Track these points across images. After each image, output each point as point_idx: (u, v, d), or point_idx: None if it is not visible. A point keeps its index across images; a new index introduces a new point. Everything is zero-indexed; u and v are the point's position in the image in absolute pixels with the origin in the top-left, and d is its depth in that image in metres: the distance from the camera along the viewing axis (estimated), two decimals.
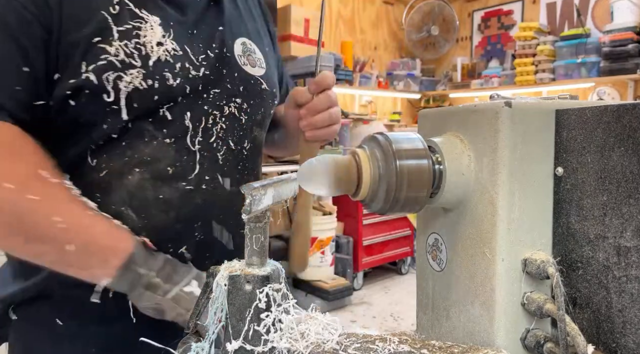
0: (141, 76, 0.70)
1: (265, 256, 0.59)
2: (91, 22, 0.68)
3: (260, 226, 0.60)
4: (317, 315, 0.58)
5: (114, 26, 0.69)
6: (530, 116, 0.50)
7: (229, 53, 0.83)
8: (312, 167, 0.52)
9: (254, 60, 0.88)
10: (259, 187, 0.58)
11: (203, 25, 0.82)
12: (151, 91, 0.71)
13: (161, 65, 0.72)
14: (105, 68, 0.68)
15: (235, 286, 0.57)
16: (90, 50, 0.68)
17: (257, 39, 0.93)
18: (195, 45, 0.78)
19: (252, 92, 0.86)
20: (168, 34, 0.75)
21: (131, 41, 0.70)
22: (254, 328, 0.56)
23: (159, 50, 0.72)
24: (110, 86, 0.68)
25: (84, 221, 0.66)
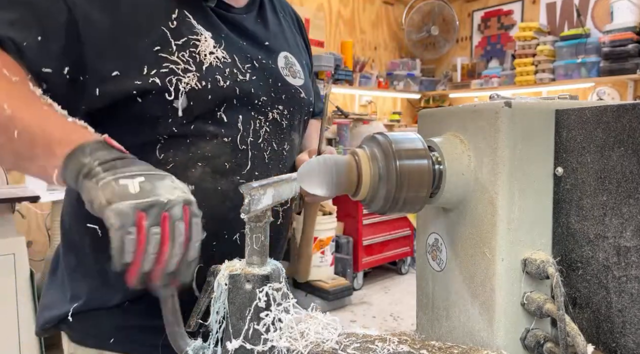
0: (196, 78, 0.80)
1: (265, 255, 0.60)
2: (151, 34, 0.78)
3: (260, 225, 0.60)
4: (317, 315, 0.59)
5: (172, 39, 0.79)
6: (530, 116, 0.50)
7: (274, 65, 0.95)
8: (312, 168, 0.52)
9: (295, 71, 0.99)
10: (258, 187, 0.58)
11: (251, 40, 0.93)
12: (205, 90, 0.81)
13: (212, 70, 0.82)
14: (167, 74, 0.78)
15: (236, 285, 0.58)
16: (152, 58, 0.77)
17: (297, 52, 1.05)
18: (242, 56, 0.89)
19: (292, 100, 0.96)
20: (219, 45, 0.85)
21: (187, 51, 0.80)
22: (254, 327, 0.56)
23: (211, 58, 0.83)
24: (172, 87, 0.77)
25: (37, 113, 0.64)
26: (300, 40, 1.12)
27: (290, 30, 1.08)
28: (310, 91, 1.04)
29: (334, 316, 0.58)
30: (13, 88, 0.66)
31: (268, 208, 0.62)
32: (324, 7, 4.53)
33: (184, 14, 0.83)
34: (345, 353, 0.52)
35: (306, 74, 1.05)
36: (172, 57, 0.78)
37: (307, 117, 1.04)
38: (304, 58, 1.09)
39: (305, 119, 1.04)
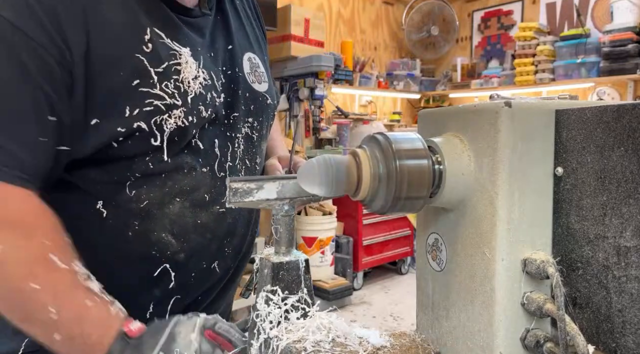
0: (183, 114, 0.71)
1: (287, 245, 0.65)
2: (126, 65, 0.67)
3: (278, 218, 0.65)
4: (320, 314, 0.59)
5: (151, 68, 0.68)
6: (530, 116, 0.50)
7: (240, 72, 0.85)
8: (312, 167, 0.52)
9: (260, 75, 0.90)
10: (238, 181, 0.63)
11: (216, 44, 0.82)
12: (191, 126, 0.73)
13: (197, 100, 0.74)
14: (153, 113, 0.68)
15: (261, 266, 0.65)
16: (132, 94, 0.67)
17: (258, 49, 0.94)
18: (217, 70, 0.80)
19: (259, 109, 0.88)
20: (199, 63, 0.75)
21: (171, 81, 0.70)
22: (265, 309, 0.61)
23: (195, 85, 0.73)
24: (157, 129, 0.69)
25: (77, 312, 0.64)
26: (259, 30, 0.99)
27: (249, 22, 0.95)
28: (274, 93, 0.95)
29: (338, 317, 0.59)
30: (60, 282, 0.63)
31: (272, 202, 0.63)
32: (324, 7, 4.53)
33: (156, 32, 0.70)
34: None
35: (268, 74, 0.95)
36: (154, 90, 0.68)
37: (272, 121, 0.97)
38: (265, 52, 0.98)
39: (271, 124, 0.96)
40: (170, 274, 0.78)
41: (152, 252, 0.76)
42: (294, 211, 0.66)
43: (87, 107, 0.66)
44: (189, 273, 0.80)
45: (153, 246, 0.76)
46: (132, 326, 0.64)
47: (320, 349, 0.53)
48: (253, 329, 0.61)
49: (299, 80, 3.80)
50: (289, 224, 0.65)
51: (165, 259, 0.77)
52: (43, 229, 0.64)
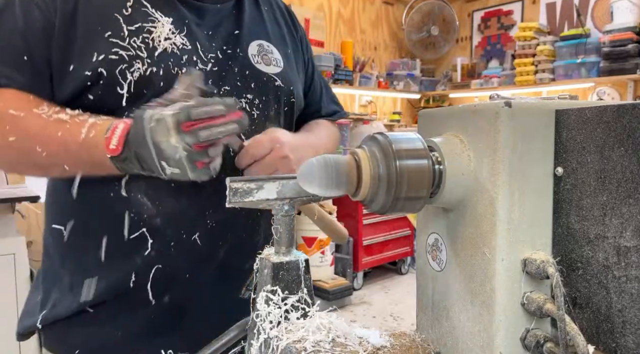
0: (146, 65, 0.77)
1: (286, 245, 0.65)
2: (104, 22, 0.77)
3: (278, 218, 0.65)
4: (320, 314, 0.59)
5: (125, 25, 0.77)
6: (530, 116, 0.50)
7: (242, 52, 0.89)
8: (312, 167, 0.52)
9: (269, 59, 0.93)
10: (238, 181, 0.63)
11: (220, 28, 0.89)
12: (155, 76, 0.78)
13: (166, 56, 0.79)
14: (115, 62, 0.75)
15: (261, 266, 0.65)
16: (103, 43, 0.76)
17: (279, 42, 0.99)
18: (207, 44, 0.85)
19: (264, 88, 0.90)
20: (180, 31, 0.81)
21: (139, 37, 0.78)
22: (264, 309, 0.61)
23: (166, 43, 0.79)
24: (120, 77, 0.75)
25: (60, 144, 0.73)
26: (292, 35, 1.06)
27: (273, 21, 1.02)
28: (290, 79, 0.97)
29: (338, 317, 0.59)
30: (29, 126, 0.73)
31: (272, 202, 0.63)
32: (324, 7, 4.53)
33: (141, 2, 0.80)
34: None
35: (290, 64, 0.99)
36: (122, 42, 0.76)
37: (288, 108, 0.96)
38: (292, 49, 1.03)
39: (287, 109, 0.96)
40: (148, 240, 0.80)
41: (130, 215, 0.79)
42: (294, 211, 0.66)
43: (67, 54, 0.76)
44: (167, 241, 0.81)
45: (131, 208, 0.79)
46: (112, 143, 0.69)
47: (320, 349, 0.53)
48: (253, 329, 0.61)
49: None
50: (289, 224, 0.65)
51: (143, 223, 0.79)
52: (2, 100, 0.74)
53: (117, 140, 0.68)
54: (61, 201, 0.85)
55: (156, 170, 0.68)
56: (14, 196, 2.21)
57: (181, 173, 0.68)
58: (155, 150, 0.66)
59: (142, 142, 0.67)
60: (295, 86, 0.98)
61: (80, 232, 0.82)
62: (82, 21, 0.77)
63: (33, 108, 0.74)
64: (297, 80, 1.00)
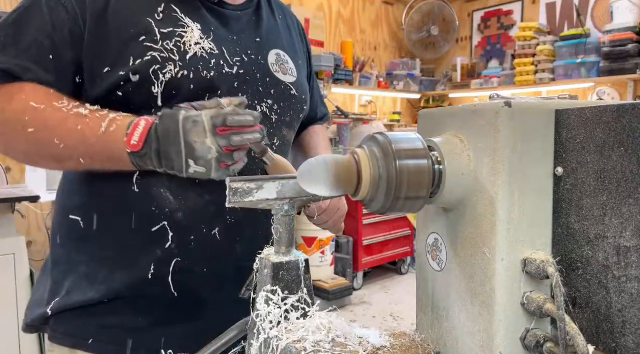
0: (178, 67, 0.81)
1: (287, 245, 0.65)
2: (137, 26, 0.80)
3: (278, 218, 0.65)
4: (320, 314, 0.59)
5: (157, 28, 0.81)
6: (530, 116, 0.50)
7: (263, 60, 0.94)
8: (312, 167, 0.52)
9: (286, 69, 0.99)
10: (238, 181, 0.63)
11: (243, 35, 0.94)
12: (187, 80, 0.82)
13: (197, 60, 0.83)
14: (149, 63, 0.79)
15: (261, 266, 0.65)
16: (138, 47, 0.79)
17: (292, 52, 1.04)
18: (232, 49, 0.89)
19: (282, 95, 0.96)
20: (207, 37, 0.86)
21: (172, 40, 0.82)
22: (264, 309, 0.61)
23: (196, 48, 0.83)
24: (153, 77, 0.79)
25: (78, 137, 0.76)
26: (301, 45, 1.12)
27: (287, 32, 1.08)
28: (303, 89, 1.03)
29: (338, 317, 0.58)
30: (48, 118, 0.76)
31: (272, 202, 0.63)
32: (324, 7, 4.53)
33: (171, 7, 0.84)
34: None
35: (301, 74, 1.05)
36: (156, 46, 0.80)
37: (301, 115, 1.04)
38: (302, 60, 1.09)
39: (301, 116, 1.04)
40: (168, 233, 0.82)
41: (152, 208, 0.82)
42: (294, 211, 0.66)
43: (101, 58, 0.80)
44: (188, 234, 0.84)
45: (152, 202, 0.82)
46: (133, 139, 0.73)
47: (320, 349, 0.53)
48: (253, 329, 0.61)
49: None
50: (289, 224, 0.65)
51: (164, 216, 0.82)
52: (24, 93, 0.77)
53: (139, 136, 0.73)
54: (79, 193, 0.87)
55: (178, 167, 0.72)
56: (14, 196, 2.21)
57: (205, 172, 0.73)
58: (186, 149, 0.71)
59: (173, 140, 0.71)
60: (307, 96, 1.05)
61: (99, 223, 0.85)
62: (114, 25, 0.80)
63: (53, 101, 0.76)
64: (307, 91, 1.07)
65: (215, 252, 0.87)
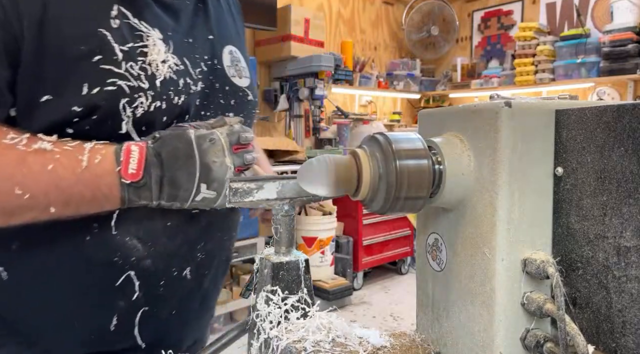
0: (150, 99, 0.66)
1: (286, 245, 0.65)
2: (88, 40, 0.62)
3: (278, 218, 0.65)
4: (320, 314, 0.59)
5: (116, 44, 0.63)
6: (530, 116, 0.50)
7: (219, 65, 0.80)
8: (312, 168, 0.52)
9: (240, 70, 0.85)
10: (238, 181, 0.63)
11: (195, 31, 0.77)
12: (159, 112, 0.68)
13: (167, 85, 0.68)
14: (115, 94, 0.63)
15: (261, 266, 0.65)
16: (93, 71, 0.62)
17: (239, 42, 0.89)
18: (192, 57, 0.75)
19: (241, 104, 0.83)
20: (168, 48, 0.70)
21: (137, 62, 0.65)
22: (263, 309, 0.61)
23: (164, 68, 0.68)
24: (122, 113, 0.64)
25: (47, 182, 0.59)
26: (240, 24, 0.94)
27: (230, 14, 0.90)
28: (255, 90, 0.89)
29: (338, 317, 0.59)
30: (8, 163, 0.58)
31: (272, 202, 0.64)
32: (324, 7, 4.53)
33: (122, 11, 0.66)
34: None
35: (250, 70, 0.89)
36: (118, 69, 0.63)
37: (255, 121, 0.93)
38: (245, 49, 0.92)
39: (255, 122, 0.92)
40: (134, 283, 0.71)
41: (113, 259, 0.69)
42: (294, 211, 0.66)
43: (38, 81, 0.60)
44: (157, 281, 0.73)
45: (115, 252, 0.69)
46: (130, 167, 0.60)
47: (320, 349, 0.53)
48: (253, 329, 0.61)
49: (299, 80, 3.80)
50: (289, 224, 0.65)
51: (129, 265, 0.70)
52: None
53: (137, 163, 0.60)
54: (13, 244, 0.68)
55: (184, 196, 0.62)
56: None
57: (214, 198, 0.64)
58: (201, 170, 0.62)
59: (185, 162, 0.61)
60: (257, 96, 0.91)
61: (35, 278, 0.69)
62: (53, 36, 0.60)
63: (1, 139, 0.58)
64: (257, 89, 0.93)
65: (184, 292, 0.78)
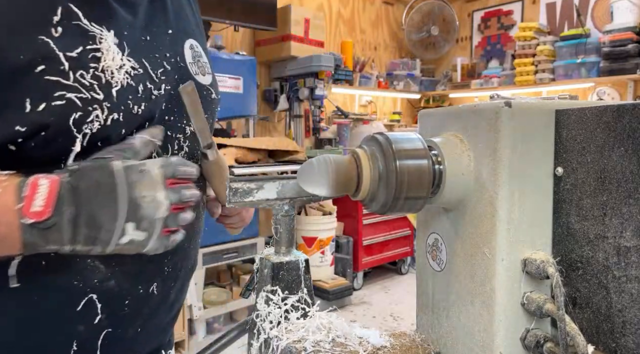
0: (107, 111, 0.58)
1: (286, 245, 0.65)
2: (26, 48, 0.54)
3: (278, 218, 0.65)
4: (320, 314, 0.59)
5: (60, 52, 0.55)
6: (530, 116, 0.50)
7: (182, 63, 0.73)
8: (312, 168, 0.52)
9: (203, 66, 0.78)
10: (238, 181, 0.62)
11: (153, 27, 0.69)
12: (117, 125, 0.60)
13: (124, 93, 0.61)
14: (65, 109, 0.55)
15: (261, 266, 0.65)
16: (35, 84, 0.54)
17: (200, 36, 0.81)
18: (151, 57, 0.67)
19: (205, 105, 0.74)
20: (123, 50, 0.62)
21: (88, 70, 0.57)
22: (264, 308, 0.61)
23: (120, 75, 0.60)
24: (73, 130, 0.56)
25: None
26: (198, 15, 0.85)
27: (189, 5, 0.82)
28: (217, 87, 0.82)
29: (338, 317, 0.59)
30: None
31: (272, 202, 0.64)
32: (324, 7, 4.53)
33: (71, 10, 0.57)
34: None
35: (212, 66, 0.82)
36: (66, 80, 0.55)
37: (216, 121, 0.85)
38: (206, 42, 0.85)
39: (217, 120, 0.85)
40: (96, 306, 0.64)
41: (73, 283, 0.62)
42: (294, 211, 0.66)
43: None
44: (121, 301, 0.67)
45: (74, 276, 0.62)
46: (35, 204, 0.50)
47: (320, 349, 0.53)
48: (253, 329, 0.61)
49: (299, 80, 3.80)
50: (289, 224, 0.65)
51: (91, 288, 0.63)
52: None
53: (45, 200, 0.51)
54: None
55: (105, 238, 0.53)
56: None
57: (143, 240, 0.55)
58: (129, 207, 0.54)
59: (107, 198, 0.53)
60: (219, 93, 0.83)
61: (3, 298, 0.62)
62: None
63: None
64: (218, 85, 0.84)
65: (151, 308, 0.72)
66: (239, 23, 3.28)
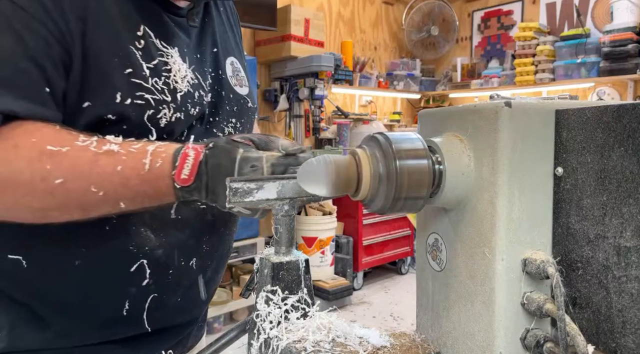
0: (172, 111, 0.73)
1: (286, 245, 0.65)
2: (120, 54, 0.69)
3: (278, 218, 0.65)
4: (320, 314, 0.59)
5: (144, 62, 0.71)
6: (530, 116, 0.50)
7: (224, 75, 0.88)
8: (312, 168, 0.52)
9: (241, 79, 0.92)
10: (238, 181, 0.63)
11: (203, 46, 0.85)
12: (179, 123, 0.75)
13: (186, 98, 0.76)
14: (143, 107, 0.70)
15: (261, 266, 0.66)
16: (124, 83, 0.68)
17: (238, 53, 0.96)
18: (202, 71, 0.82)
19: (242, 111, 0.90)
20: (187, 63, 0.78)
21: (161, 78, 0.73)
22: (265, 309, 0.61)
23: (183, 83, 0.76)
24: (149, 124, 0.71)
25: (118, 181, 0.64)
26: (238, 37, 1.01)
27: (230, 28, 0.98)
28: (254, 98, 0.97)
29: (338, 317, 0.59)
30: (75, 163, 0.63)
31: (272, 202, 0.64)
32: (324, 7, 4.53)
33: (146, 30, 0.73)
34: None
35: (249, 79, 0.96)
36: (146, 84, 0.70)
37: (253, 126, 0.98)
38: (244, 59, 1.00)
39: (253, 127, 0.98)
40: (146, 271, 0.76)
41: (129, 247, 0.74)
42: (294, 211, 0.66)
43: (81, 89, 0.67)
44: (166, 269, 0.79)
45: (131, 241, 0.74)
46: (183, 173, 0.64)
47: (320, 349, 0.53)
48: (253, 329, 0.61)
49: (299, 80, 3.80)
50: (289, 224, 0.65)
51: (143, 254, 0.75)
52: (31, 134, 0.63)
53: (189, 170, 0.64)
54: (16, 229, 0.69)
55: (222, 203, 0.64)
56: None
57: (249, 215, 0.68)
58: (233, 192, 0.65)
59: (223, 178, 0.63)
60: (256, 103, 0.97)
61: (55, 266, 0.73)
62: (93, 45, 0.67)
63: (74, 141, 0.63)
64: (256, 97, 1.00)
65: (189, 281, 0.84)
66: None
